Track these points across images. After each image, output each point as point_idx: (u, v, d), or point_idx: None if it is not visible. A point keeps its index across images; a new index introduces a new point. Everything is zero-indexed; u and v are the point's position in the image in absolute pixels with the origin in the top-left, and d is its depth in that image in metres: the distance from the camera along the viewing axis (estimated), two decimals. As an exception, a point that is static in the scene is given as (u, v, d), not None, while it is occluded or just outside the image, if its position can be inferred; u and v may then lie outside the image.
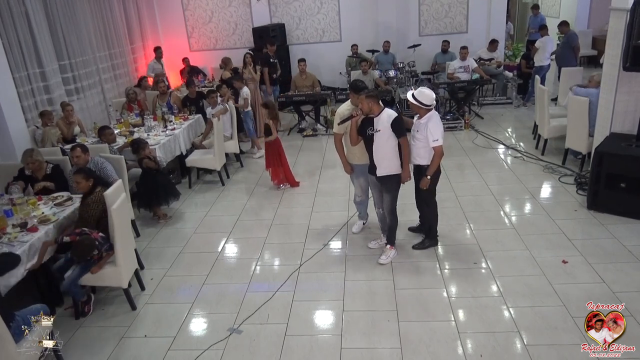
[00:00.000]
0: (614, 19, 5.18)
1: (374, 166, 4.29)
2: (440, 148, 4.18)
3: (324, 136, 8.53)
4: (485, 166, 6.56)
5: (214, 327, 3.80)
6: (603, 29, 10.65)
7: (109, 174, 4.75)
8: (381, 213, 4.58)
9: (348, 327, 3.66)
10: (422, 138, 4.19)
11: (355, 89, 4.37)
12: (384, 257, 4.46)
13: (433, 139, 4.12)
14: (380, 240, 4.71)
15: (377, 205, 4.62)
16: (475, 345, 3.39)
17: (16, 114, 5.98)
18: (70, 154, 4.87)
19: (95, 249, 3.86)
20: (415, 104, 4.17)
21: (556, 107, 7.60)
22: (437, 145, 4.15)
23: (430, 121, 4.14)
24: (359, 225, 5.08)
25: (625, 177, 4.80)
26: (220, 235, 5.25)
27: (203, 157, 6.56)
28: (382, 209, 4.51)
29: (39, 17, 7.18)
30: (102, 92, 8.90)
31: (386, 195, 4.36)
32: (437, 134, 4.12)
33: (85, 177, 4.17)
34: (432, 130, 4.12)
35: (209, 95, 6.93)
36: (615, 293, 3.77)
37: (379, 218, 4.67)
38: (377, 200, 4.59)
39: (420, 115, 4.23)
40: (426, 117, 4.18)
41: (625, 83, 5.12)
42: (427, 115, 4.18)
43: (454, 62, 8.93)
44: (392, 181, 4.29)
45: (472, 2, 10.64)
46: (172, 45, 11.21)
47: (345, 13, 10.88)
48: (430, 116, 4.18)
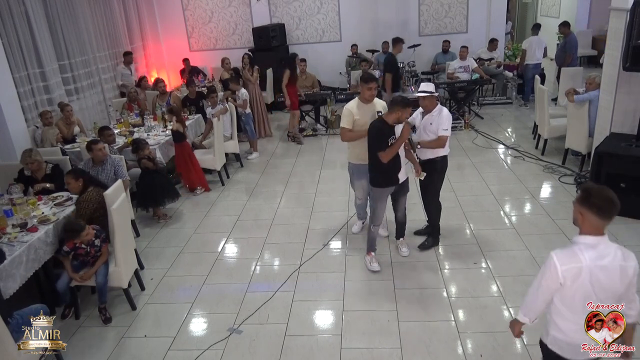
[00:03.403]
0: (614, 19, 5.18)
1: (396, 172, 4.14)
2: (446, 139, 4.20)
3: (324, 136, 8.53)
4: (485, 166, 6.56)
5: (214, 327, 3.80)
6: (603, 29, 10.65)
7: (124, 173, 4.90)
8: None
9: (348, 327, 3.66)
10: (435, 129, 4.22)
11: (368, 78, 4.30)
12: (405, 249, 4.56)
13: (443, 127, 4.15)
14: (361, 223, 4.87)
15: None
16: (475, 345, 3.39)
17: (16, 114, 5.98)
18: (92, 147, 4.83)
19: (81, 230, 3.82)
20: (427, 96, 4.19)
21: (556, 107, 7.60)
22: (445, 135, 4.17)
23: (443, 111, 4.22)
24: (359, 225, 5.08)
25: (625, 177, 4.80)
26: (220, 235, 5.25)
27: (203, 157, 6.55)
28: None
29: (39, 17, 7.18)
30: (102, 92, 8.90)
31: (403, 198, 4.39)
32: (447, 124, 4.17)
33: (74, 177, 4.19)
34: (445, 119, 4.17)
35: (209, 96, 6.93)
36: (615, 293, 3.76)
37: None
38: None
39: (430, 108, 4.24)
40: (437, 109, 4.24)
41: (625, 83, 5.12)
42: (438, 107, 4.24)
43: (454, 62, 8.93)
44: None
45: (472, 2, 10.64)
46: (172, 45, 11.21)
47: (345, 13, 10.88)
48: (441, 108, 4.25)
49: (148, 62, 10.88)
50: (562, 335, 2.22)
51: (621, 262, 2.08)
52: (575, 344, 2.19)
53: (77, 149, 5.96)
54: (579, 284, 2.07)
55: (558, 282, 2.09)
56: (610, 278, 2.07)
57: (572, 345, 2.21)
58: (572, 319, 2.16)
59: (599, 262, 2.06)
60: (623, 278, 2.09)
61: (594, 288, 2.08)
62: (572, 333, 2.18)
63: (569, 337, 2.20)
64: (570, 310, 2.15)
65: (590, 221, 2.08)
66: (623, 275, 2.08)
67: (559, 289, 2.12)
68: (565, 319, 2.18)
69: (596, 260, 2.05)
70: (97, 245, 3.90)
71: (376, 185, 4.16)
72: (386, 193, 4.20)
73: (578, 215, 2.13)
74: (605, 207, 2.03)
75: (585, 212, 2.08)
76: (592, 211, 2.05)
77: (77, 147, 5.97)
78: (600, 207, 2.04)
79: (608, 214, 2.05)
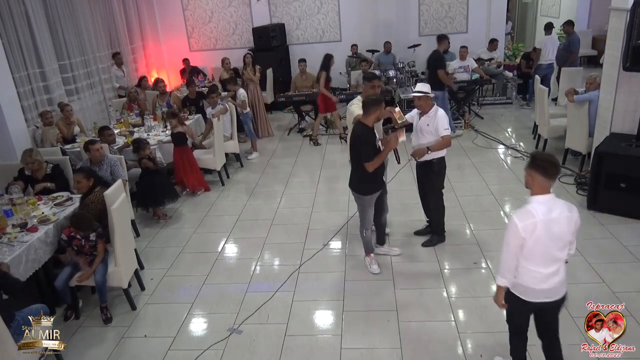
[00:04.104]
0: (614, 19, 5.18)
1: (382, 174, 4.21)
2: (449, 138, 4.22)
3: (323, 136, 8.52)
4: (485, 166, 6.56)
5: (214, 327, 3.80)
6: (603, 29, 10.64)
7: (120, 174, 4.86)
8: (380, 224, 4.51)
9: (348, 327, 3.66)
10: (433, 130, 4.23)
11: (372, 77, 4.39)
12: (395, 248, 4.55)
13: (444, 127, 4.17)
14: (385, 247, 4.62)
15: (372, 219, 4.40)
16: (475, 345, 3.39)
17: (16, 114, 5.98)
18: (89, 147, 4.85)
19: (95, 225, 3.89)
20: (422, 96, 4.20)
21: (556, 107, 7.60)
22: (447, 134, 4.19)
23: (439, 112, 4.23)
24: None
25: (625, 177, 4.80)
26: (220, 235, 5.25)
27: (203, 157, 6.55)
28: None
29: (39, 17, 7.18)
30: (102, 92, 8.90)
31: (385, 197, 4.35)
32: (447, 124, 4.20)
33: (86, 177, 4.19)
34: (442, 119, 4.18)
35: (209, 96, 6.93)
36: (615, 293, 3.77)
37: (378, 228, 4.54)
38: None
39: (426, 109, 4.26)
40: (433, 109, 4.25)
41: (625, 83, 5.11)
42: (434, 108, 4.26)
43: (454, 62, 8.92)
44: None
45: (472, 2, 10.63)
46: (172, 45, 11.22)
47: (345, 13, 10.88)
48: (437, 108, 4.26)
49: (148, 62, 10.87)
50: (524, 283, 2.62)
51: (567, 214, 2.51)
52: (536, 289, 2.60)
53: (77, 149, 5.96)
54: (537, 236, 2.47)
55: (521, 237, 2.49)
56: (560, 228, 2.50)
57: (532, 289, 2.61)
58: (534, 269, 2.56)
59: (549, 215, 2.48)
60: (570, 226, 2.52)
61: (549, 238, 2.49)
62: (533, 281, 2.58)
63: (529, 284, 2.60)
64: (531, 262, 2.55)
65: (538, 182, 2.51)
66: (570, 224, 2.52)
67: (522, 244, 2.51)
68: (527, 270, 2.58)
69: (547, 214, 2.48)
70: (93, 240, 3.89)
71: (366, 193, 4.11)
72: (375, 197, 4.18)
73: (529, 178, 2.56)
74: (550, 168, 2.48)
75: (534, 174, 2.51)
76: (539, 172, 2.48)
77: (77, 147, 5.97)
78: (545, 167, 2.47)
79: (552, 173, 2.49)
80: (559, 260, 2.56)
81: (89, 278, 3.87)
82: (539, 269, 2.54)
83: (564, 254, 2.57)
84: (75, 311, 4.02)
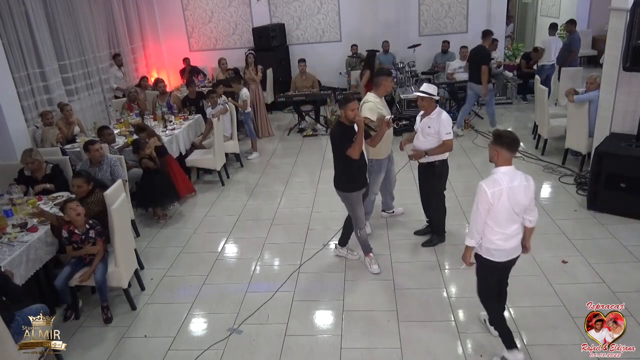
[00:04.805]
0: (613, 19, 5.18)
1: (366, 169, 4.22)
2: (451, 142, 4.21)
3: (324, 136, 8.52)
4: (486, 166, 6.55)
5: (214, 327, 3.80)
6: (603, 29, 10.64)
7: (120, 174, 4.86)
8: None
9: (348, 327, 3.66)
10: (434, 133, 4.21)
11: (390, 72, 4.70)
12: (356, 252, 4.56)
13: (446, 131, 4.17)
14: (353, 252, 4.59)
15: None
16: (475, 345, 3.39)
17: (16, 114, 5.98)
18: (89, 147, 4.84)
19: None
20: (426, 97, 4.19)
21: (556, 107, 7.59)
22: (449, 138, 4.18)
23: (442, 114, 4.20)
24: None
25: (625, 177, 4.80)
26: (220, 235, 5.25)
27: (203, 157, 6.55)
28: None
29: (39, 17, 7.17)
30: (102, 92, 8.90)
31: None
32: (449, 128, 4.18)
33: (86, 181, 4.18)
34: (445, 123, 4.17)
35: (209, 96, 6.93)
36: (615, 293, 3.77)
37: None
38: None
39: (428, 110, 4.24)
40: (436, 112, 4.23)
41: (625, 83, 5.11)
42: (437, 110, 4.23)
43: (454, 62, 8.93)
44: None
45: (472, 2, 10.63)
46: (172, 45, 11.21)
47: (345, 13, 10.87)
48: (440, 111, 4.24)
49: (148, 62, 10.87)
50: (492, 245, 2.97)
51: (525, 183, 2.88)
52: (502, 249, 2.97)
53: (77, 149, 5.95)
54: (502, 202, 2.84)
55: (489, 202, 2.86)
56: (520, 195, 2.87)
57: (499, 250, 2.97)
58: (499, 231, 2.93)
59: (512, 184, 2.85)
60: (527, 193, 2.89)
61: (511, 203, 2.86)
62: (499, 241, 2.95)
63: (496, 244, 2.96)
64: (497, 225, 2.92)
65: (503, 155, 2.87)
66: (527, 192, 2.89)
67: (490, 209, 2.87)
68: (494, 232, 2.94)
69: (510, 182, 2.84)
70: (92, 237, 3.88)
71: (354, 189, 4.12)
72: (361, 194, 4.19)
73: (494, 153, 2.90)
74: (513, 144, 2.86)
75: (499, 149, 2.86)
76: (504, 147, 2.85)
77: (77, 147, 5.96)
78: (509, 144, 2.85)
79: (514, 148, 2.87)
80: (518, 222, 2.96)
81: (89, 278, 3.87)
82: (503, 229, 2.92)
83: (521, 218, 2.97)
84: (75, 311, 4.02)
